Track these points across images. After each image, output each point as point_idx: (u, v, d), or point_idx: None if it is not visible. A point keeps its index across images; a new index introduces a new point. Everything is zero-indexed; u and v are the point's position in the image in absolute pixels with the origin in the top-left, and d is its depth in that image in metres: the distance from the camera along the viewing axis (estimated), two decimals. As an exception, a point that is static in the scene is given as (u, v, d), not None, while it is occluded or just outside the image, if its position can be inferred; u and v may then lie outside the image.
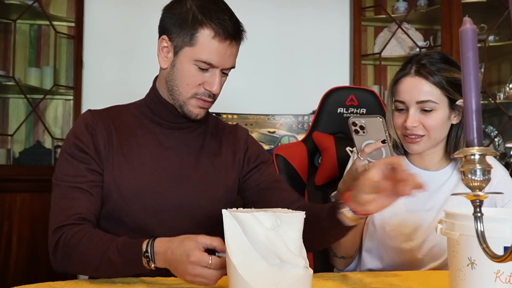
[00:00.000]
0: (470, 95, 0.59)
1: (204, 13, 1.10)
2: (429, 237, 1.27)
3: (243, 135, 1.31)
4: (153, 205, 1.14)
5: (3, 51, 2.91)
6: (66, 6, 3.03)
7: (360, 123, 1.10)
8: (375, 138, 1.10)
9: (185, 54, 1.12)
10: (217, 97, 1.18)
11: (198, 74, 1.12)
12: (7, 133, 2.86)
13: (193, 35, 1.10)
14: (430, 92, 1.21)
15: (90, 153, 1.13)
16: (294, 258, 0.83)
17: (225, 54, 1.11)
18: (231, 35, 1.11)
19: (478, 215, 0.58)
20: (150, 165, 1.16)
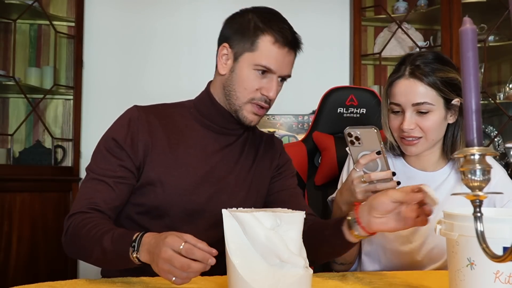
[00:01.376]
0: (470, 95, 0.59)
1: (264, 21, 1.17)
2: (428, 239, 1.26)
3: (280, 146, 1.36)
4: (191, 206, 1.17)
5: (3, 51, 2.91)
6: (66, 6, 3.03)
7: (356, 134, 1.10)
8: (370, 149, 1.09)
9: (245, 59, 1.16)
10: (272, 103, 1.21)
11: (257, 79, 1.16)
12: (7, 133, 2.86)
13: (254, 41, 1.15)
14: (425, 93, 1.19)
15: (126, 148, 1.15)
16: (294, 258, 0.83)
17: (283, 60, 1.17)
18: (290, 42, 1.17)
19: (478, 215, 0.58)
20: (195, 166, 1.18)
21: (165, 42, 3.09)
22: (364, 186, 1.10)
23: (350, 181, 1.13)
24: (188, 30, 3.14)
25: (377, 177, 1.09)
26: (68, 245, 1.09)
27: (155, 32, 3.07)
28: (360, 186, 1.10)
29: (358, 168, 1.11)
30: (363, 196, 1.11)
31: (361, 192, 1.11)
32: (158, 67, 3.06)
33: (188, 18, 3.13)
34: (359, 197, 1.11)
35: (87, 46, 2.95)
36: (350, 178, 1.13)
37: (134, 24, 3.06)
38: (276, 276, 0.83)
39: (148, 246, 0.93)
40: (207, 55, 3.15)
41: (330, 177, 1.57)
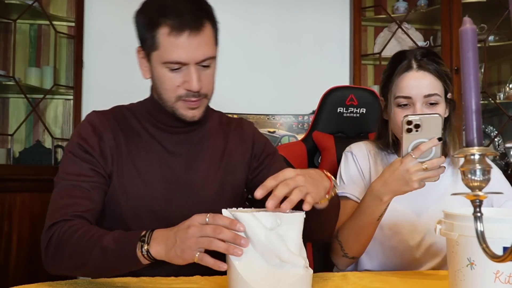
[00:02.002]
0: (470, 95, 0.59)
1: (159, 11, 1.06)
2: (426, 236, 1.27)
3: (250, 132, 1.29)
4: (161, 213, 1.13)
5: (3, 51, 2.91)
6: (66, 6, 3.03)
7: (416, 121, 1.07)
8: (428, 136, 1.07)
9: (155, 59, 1.09)
10: (207, 93, 1.13)
11: (173, 76, 1.08)
12: (7, 133, 2.86)
13: (153, 38, 1.06)
14: (435, 85, 1.21)
15: (96, 155, 1.11)
16: (294, 258, 0.83)
17: (190, 47, 1.05)
18: (188, 24, 1.04)
19: (478, 215, 0.58)
20: (158, 171, 1.15)
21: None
22: (423, 174, 1.07)
23: (404, 169, 1.08)
24: (188, 30, 3.13)
25: (439, 163, 1.07)
26: (52, 259, 1.00)
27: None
28: (418, 175, 1.07)
29: (416, 155, 1.07)
30: (419, 184, 1.08)
31: (418, 180, 1.07)
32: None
33: (188, 18, 3.13)
34: (416, 185, 1.08)
35: (87, 46, 2.95)
36: (405, 166, 1.08)
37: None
38: (276, 276, 0.83)
39: (162, 237, 0.89)
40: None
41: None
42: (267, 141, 1.31)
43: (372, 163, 1.34)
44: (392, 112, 1.26)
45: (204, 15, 1.07)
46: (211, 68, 1.11)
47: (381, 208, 1.15)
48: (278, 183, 0.89)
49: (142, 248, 0.89)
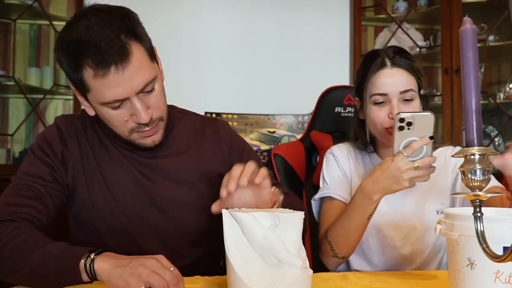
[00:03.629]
0: (470, 95, 0.59)
1: (77, 48, 0.93)
2: (411, 233, 1.28)
3: (226, 137, 1.22)
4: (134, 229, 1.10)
5: (3, 51, 2.91)
6: (66, 6, 3.03)
7: (408, 119, 1.06)
8: (419, 135, 1.05)
9: (92, 101, 1.00)
10: (161, 115, 1.04)
11: (117, 113, 0.98)
12: (7, 133, 2.87)
13: (81, 80, 0.95)
14: (410, 81, 1.22)
15: (56, 162, 1.06)
16: (291, 258, 0.83)
17: (122, 82, 0.93)
18: (111, 58, 0.91)
19: (478, 215, 0.58)
20: (128, 186, 1.09)
21: (165, 42, 3.08)
22: (414, 173, 1.06)
23: (395, 168, 1.07)
24: (189, 29, 3.14)
25: (430, 163, 1.06)
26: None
27: (154, 31, 3.06)
28: (409, 173, 1.06)
29: (408, 153, 1.06)
30: (410, 183, 1.07)
31: (409, 179, 1.06)
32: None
33: (188, 17, 3.13)
34: (406, 184, 1.07)
35: (87, 46, 2.95)
36: (396, 165, 1.07)
37: (134, 24, 3.06)
38: (273, 276, 0.83)
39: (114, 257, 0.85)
40: (208, 53, 3.16)
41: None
42: (244, 145, 1.25)
43: (353, 164, 1.35)
44: (369, 110, 1.26)
45: (127, 37, 0.94)
46: (157, 88, 1.00)
47: (372, 207, 1.15)
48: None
49: (87, 258, 0.84)
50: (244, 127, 2.94)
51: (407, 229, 1.28)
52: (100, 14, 0.95)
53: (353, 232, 1.19)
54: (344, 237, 1.21)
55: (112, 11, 0.97)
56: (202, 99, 3.05)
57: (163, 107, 1.04)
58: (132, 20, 0.99)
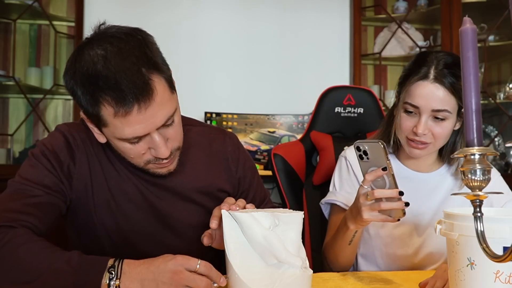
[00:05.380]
0: (470, 95, 0.59)
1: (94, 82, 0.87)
2: (426, 242, 1.26)
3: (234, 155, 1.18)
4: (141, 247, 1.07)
5: (3, 51, 2.91)
6: (66, 6, 3.03)
7: (364, 148, 1.01)
8: (377, 165, 1.01)
9: (107, 135, 0.95)
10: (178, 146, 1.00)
11: (135, 146, 0.94)
12: (7, 133, 2.87)
13: (98, 115, 0.90)
14: (447, 101, 1.15)
15: (61, 174, 1.00)
16: (291, 258, 0.83)
17: (144, 120, 0.89)
18: (134, 97, 0.86)
19: (478, 215, 0.58)
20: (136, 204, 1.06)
21: (165, 42, 3.08)
22: (370, 204, 1.02)
23: (357, 197, 1.06)
24: (188, 29, 3.14)
25: (381, 195, 1.01)
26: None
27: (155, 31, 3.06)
28: (366, 204, 1.03)
29: (365, 184, 1.03)
30: (369, 215, 1.03)
31: (366, 210, 1.03)
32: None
33: (188, 17, 3.13)
34: (365, 216, 1.03)
35: (87, 46, 2.95)
36: (358, 194, 1.06)
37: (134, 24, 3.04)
38: (273, 276, 0.83)
39: (137, 275, 0.80)
40: (208, 53, 3.16)
41: (328, 177, 1.57)
42: (251, 164, 1.21)
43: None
44: (399, 115, 1.22)
45: (148, 70, 0.88)
46: (176, 120, 0.96)
47: (349, 234, 1.12)
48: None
49: (110, 281, 0.80)
50: (244, 127, 2.94)
51: (421, 239, 1.26)
52: (117, 42, 0.89)
53: (340, 254, 1.19)
54: (334, 256, 1.22)
55: (129, 38, 0.91)
56: (202, 99, 3.05)
57: (180, 137, 1.00)
58: (151, 47, 0.93)
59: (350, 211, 1.10)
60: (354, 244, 1.16)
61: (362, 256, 1.31)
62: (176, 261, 0.80)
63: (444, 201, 1.27)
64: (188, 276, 0.79)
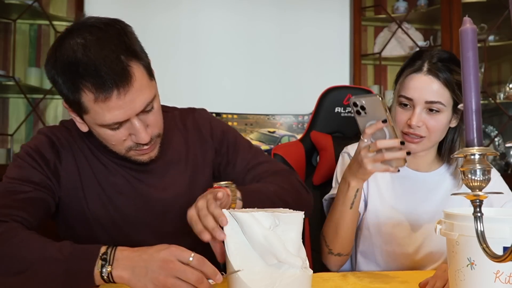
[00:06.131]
0: (470, 95, 0.59)
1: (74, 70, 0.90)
2: (426, 241, 1.26)
3: (207, 127, 1.20)
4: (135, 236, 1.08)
5: (3, 51, 2.91)
6: (66, 6, 3.03)
7: (361, 103, 1.05)
8: (376, 118, 1.04)
9: (88, 121, 0.97)
10: (159, 132, 1.03)
11: (115, 133, 0.96)
12: (7, 133, 2.87)
13: (78, 102, 0.93)
14: (441, 93, 1.17)
15: (48, 172, 1.02)
16: (291, 258, 0.83)
17: (124, 105, 0.91)
18: (113, 82, 0.89)
19: (478, 215, 0.58)
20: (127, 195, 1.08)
21: (165, 42, 3.09)
22: (372, 156, 1.05)
23: (357, 152, 1.08)
24: (188, 29, 3.14)
25: (383, 145, 1.04)
26: None
27: (155, 31, 3.07)
28: (368, 156, 1.06)
29: (365, 138, 1.06)
30: (372, 166, 1.06)
31: (369, 161, 1.06)
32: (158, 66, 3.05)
33: (187, 17, 3.13)
34: (369, 167, 1.06)
35: (87, 46, 2.95)
36: (358, 149, 1.08)
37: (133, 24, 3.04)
38: (273, 276, 0.83)
39: (128, 261, 0.80)
40: (207, 53, 3.16)
41: (328, 177, 1.57)
42: (225, 130, 1.23)
43: None
44: (393, 109, 1.24)
45: (127, 58, 0.92)
46: (155, 106, 0.99)
47: (351, 194, 1.14)
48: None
49: (102, 268, 0.80)
50: (244, 127, 2.94)
51: (422, 237, 1.26)
52: (96, 31, 0.92)
53: (341, 224, 1.18)
54: (334, 229, 1.20)
55: (108, 27, 0.94)
56: (202, 99, 3.05)
57: (160, 124, 1.03)
58: (129, 36, 0.96)
59: (349, 169, 1.13)
60: (355, 209, 1.16)
61: (362, 253, 1.31)
62: (169, 251, 0.80)
63: (444, 200, 1.28)
64: (180, 267, 0.78)
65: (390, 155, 1.04)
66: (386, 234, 1.27)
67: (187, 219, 0.91)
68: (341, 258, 1.24)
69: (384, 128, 1.04)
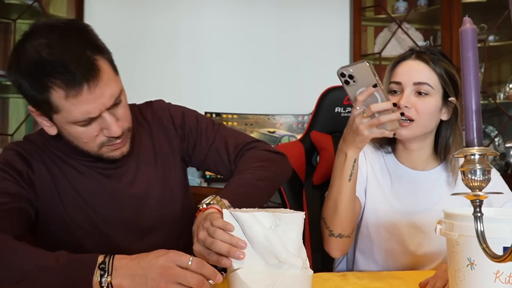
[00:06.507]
0: (470, 95, 0.59)
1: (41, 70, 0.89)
2: (424, 241, 1.26)
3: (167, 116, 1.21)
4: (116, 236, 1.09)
5: (3, 51, 2.90)
6: (66, 6, 3.03)
7: (349, 72, 1.06)
8: (366, 84, 1.06)
9: (59, 121, 0.96)
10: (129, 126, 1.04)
11: (87, 129, 0.96)
12: (7, 133, 2.86)
13: (48, 102, 0.92)
14: (428, 75, 1.21)
15: (23, 182, 1.01)
16: (291, 258, 0.83)
17: (95, 99, 0.92)
18: (83, 76, 0.89)
19: (478, 215, 0.58)
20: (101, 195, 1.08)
21: (165, 41, 3.09)
22: (368, 121, 1.07)
23: (352, 120, 1.10)
24: (188, 29, 3.14)
25: (377, 109, 1.06)
26: None
27: (155, 31, 3.07)
28: (363, 122, 1.07)
29: (357, 105, 1.08)
30: (369, 132, 1.08)
31: (365, 127, 1.07)
32: (158, 66, 3.06)
33: (188, 17, 3.13)
34: (365, 133, 1.08)
35: (87, 46, 2.95)
36: (352, 117, 1.10)
37: (134, 24, 3.06)
38: (273, 276, 0.83)
39: (127, 270, 0.79)
40: (208, 53, 3.16)
41: (328, 177, 1.56)
42: (185, 113, 1.23)
43: (369, 164, 1.33)
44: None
45: (93, 52, 0.93)
46: (123, 100, 1.00)
47: (348, 164, 1.15)
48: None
49: (101, 278, 0.79)
50: (244, 127, 2.94)
51: (421, 235, 1.27)
52: (57, 30, 0.92)
53: (339, 200, 1.18)
54: (333, 207, 1.19)
55: (68, 26, 0.94)
56: (202, 99, 3.05)
57: (129, 117, 1.04)
58: (91, 33, 0.97)
59: (344, 139, 1.15)
60: (353, 181, 1.17)
61: (360, 251, 1.32)
62: (167, 257, 0.79)
63: (441, 199, 1.28)
64: (179, 272, 0.78)
65: (385, 118, 1.06)
66: (385, 232, 1.27)
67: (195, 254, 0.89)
68: (343, 241, 1.22)
69: (375, 93, 1.06)
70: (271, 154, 1.20)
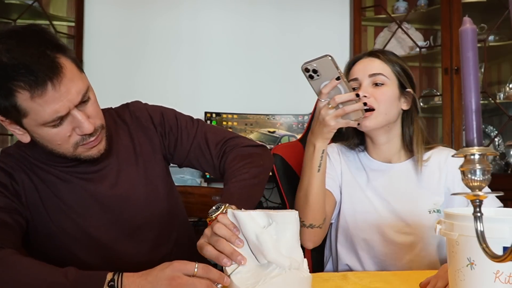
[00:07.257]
0: (470, 95, 0.59)
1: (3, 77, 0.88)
2: (403, 229, 1.29)
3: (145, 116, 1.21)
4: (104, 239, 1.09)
5: (3, 51, 2.90)
6: (66, 6, 3.03)
7: (312, 67, 1.13)
8: (329, 78, 1.11)
9: (29, 125, 0.95)
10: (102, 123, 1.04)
11: (59, 130, 0.96)
12: (7, 133, 2.86)
13: (14, 107, 0.91)
14: (382, 67, 1.30)
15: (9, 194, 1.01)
16: (280, 258, 0.83)
17: (61, 96, 0.91)
18: (46, 76, 0.89)
19: (478, 215, 0.58)
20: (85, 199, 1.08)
21: (166, 42, 3.09)
22: (333, 112, 1.12)
23: (318, 112, 1.15)
24: (189, 30, 3.14)
25: (341, 100, 1.11)
26: None
27: (155, 31, 3.07)
28: (328, 113, 1.12)
29: (322, 98, 1.13)
30: (335, 122, 1.13)
31: (331, 118, 1.12)
32: (158, 66, 3.06)
33: (188, 18, 3.14)
34: (332, 123, 1.12)
35: (87, 46, 2.95)
36: (318, 109, 1.15)
37: (134, 24, 3.06)
38: (259, 275, 0.83)
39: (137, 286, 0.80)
40: (207, 54, 3.16)
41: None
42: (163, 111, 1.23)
43: (344, 162, 1.40)
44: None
45: (53, 51, 0.92)
46: (92, 97, 1.00)
47: (317, 156, 1.19)
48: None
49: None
50: (244, 127, 2.94)
51: (395, 224, 1.30)
52: (15, 35, 0.91)
53: (309, 190, 1.21)
54: (304, 197, 1.22)
55: (26, 30, 0.93)
56: (202, 99, 3.05)
57: (101, 114, 1.04)
58: (49, 33, 0.96)
59: (312, 132, 1.19)
60: (322, 172, 1.21)
61: (342, 245, 1.35)
62: (173, 267, 0.80)
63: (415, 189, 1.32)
64: (187, 280, 0.79)
65: (349, 108, 1.11)
66: (362, 222, 1.31)
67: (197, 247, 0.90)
68: (314, 231, 1.25)
69: (339, 85, 1.11)
70: (254, 149, 1.23)
